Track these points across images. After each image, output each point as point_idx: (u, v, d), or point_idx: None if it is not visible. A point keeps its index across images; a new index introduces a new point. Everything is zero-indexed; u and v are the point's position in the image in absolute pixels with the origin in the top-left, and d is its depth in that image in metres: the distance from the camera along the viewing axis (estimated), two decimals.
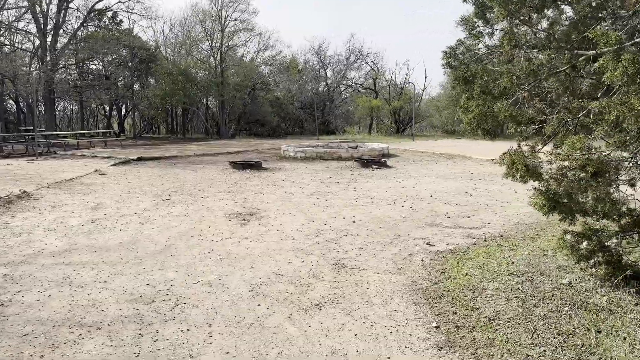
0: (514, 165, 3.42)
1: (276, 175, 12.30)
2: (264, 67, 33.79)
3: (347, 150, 16.54)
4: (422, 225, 6.66)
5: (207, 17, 29.45)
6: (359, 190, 9.88)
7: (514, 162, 3.43)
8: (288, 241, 5.91)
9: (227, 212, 7.69)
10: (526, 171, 3.43)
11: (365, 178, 11.74)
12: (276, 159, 16.79)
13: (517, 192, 9.22)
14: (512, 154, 3.48)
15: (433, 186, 10.22)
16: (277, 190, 9.95)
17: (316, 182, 11.13)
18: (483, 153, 17.07)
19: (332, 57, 41.45)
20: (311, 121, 38.11)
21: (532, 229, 6.20)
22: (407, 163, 15.13)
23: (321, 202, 8.55)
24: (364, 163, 13.97)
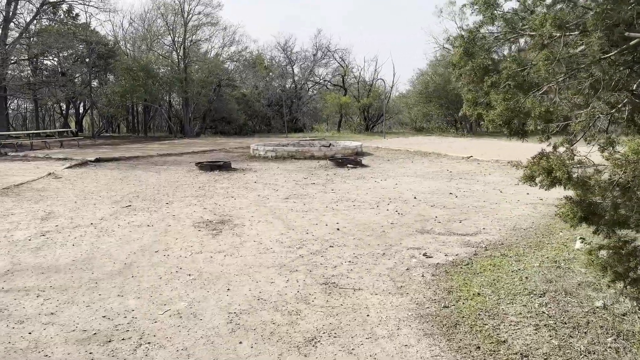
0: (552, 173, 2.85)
1: (247, 177, 11.55)
2: (229, 62, 32.72)
3: (319, 148, 15.91)
4: (412, 232, 6.09)
5: (169, 10, 28.19)
6: (337, 192, 9.26)
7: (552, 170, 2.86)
8: (268, 255, 5.22)
9: (195, 221, 6.93)
10: (568, 180, 2.87)
11: (342, 178, 11.13)
12: (246, 159, 15.99)
13: (502, 192, 8.81)
14: (547, 159, 2.91)
15: (415, 187, 9.71)
16: (250, 193, 9.22)
17: (291, 183, 10.45)
18: (456, 150, 16.76)
19: (299, 53, 40.70)
20: (279, 118, 37.29)
21: (532, 235, 5.72)
22: (382, 162, 14.62)
23: (299, 206, 7.88)
24: (338, 162, 13.37)
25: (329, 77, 41.19)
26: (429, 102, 30.25)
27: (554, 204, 7.68)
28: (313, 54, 40.19)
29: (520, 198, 8.16)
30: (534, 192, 8.69)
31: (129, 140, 26.93)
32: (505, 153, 15.36)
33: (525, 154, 13.60)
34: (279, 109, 36.50)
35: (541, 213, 6.90)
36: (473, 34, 3.02)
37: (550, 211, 7.01)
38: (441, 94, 28.63)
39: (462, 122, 30.17)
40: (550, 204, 7.57)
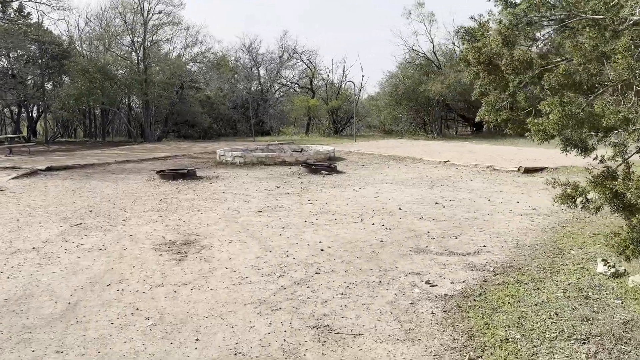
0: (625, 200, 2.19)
1: (214, 186, 10.64)
2: (192, 64, 31.47)
3: (291, 154, 15.11)
4: (406, 251, 5.39)
5: (128, 9, 26.78)
6: (315, 203, 8.51)
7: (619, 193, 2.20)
8: (243, 286, 4.41)
9: (156, 242, 6.03)
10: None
11: (318, 187, 10.38)
12: (212, 165, 15.03)
13: (490, 201, 8.26)
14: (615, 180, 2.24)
15: (397, 195, 9.06)
16: (218, 206, 8.35)
17: (263, 193, 9.62)
18: (431, 154, 16.30)
19: (265, 55, 39.80)
20: (244, 122, 36.23)
21: (541, 254, 5.11)
22: (357, 167, 13.96)
23: (274, 221, 7.08)
24: (312, 169, 12.61)
25: (296, 79, 40.45)
26: (399, 105, 29.91)
27: (549, 214, 7.18)
28: (279, 55, 39.40)
29: (511, 208, 7.61)
30: (524, 201, 8.17)
31: (85, 146, 25.38)
32: (480, 157, 14.97)
33: (499, 157, 13.13)
34: (245, 111, 35.48)
35: (540, 226, 6.34)
36: (518, 17, 2.33)
37: (549, 223, 6.47)
38: (411, 96, 28.33)
39: (431, 125, 29.99)
40: (545, 214, 7.04)
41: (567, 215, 6.91)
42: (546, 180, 3.11)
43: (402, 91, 28.34)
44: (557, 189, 2.99)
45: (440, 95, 25.96)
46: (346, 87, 35.57)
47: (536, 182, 10.23)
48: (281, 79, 40.64)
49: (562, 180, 3.31)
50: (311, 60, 38.17)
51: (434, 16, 30.77)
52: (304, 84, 39.71)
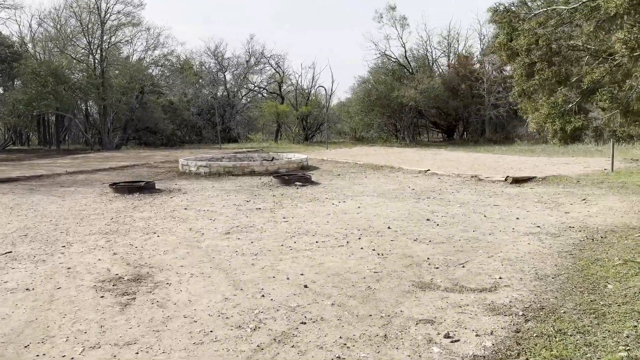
0: None
1: (175, 201, 9.47)
2: (154, 67, 29.94)
3: (261, 163, 14.04)
4: (408, 287, 4.43)
5: (84, 9, 25.11)
6: (291, 220, 7.48)
7: None
8: (206, 347, 3.34)
9: (99, 277, 4.88)
10: None
11: (293, 201, 9.36)
12: (173, 176, 13.80)
13: (487, 217, 7.42)
14: None
15: (382, 210, 8.13)
16: (178, 226, 7.21)
17: (231, 209, 8.53)
18: (409, 163, 15.53)
19: (231, 59, 38.59)
20: (210, 128, 34.88)
21: (571, 290, 4.23)
22: (333, 177, 13.00)
23: (245, 245, 6.02)
24: (284, 179, 11.57)
25: (264, 84, 39.35)
26: (371, 111, 29.22)
27: (558, 234, 6.37)
28: (246, 60, 38.26)
29: (513, 226, 6.78)
30: (523, 217, 7.38)
31: (37, 155, 23.56)
32: (461, 166, 14.28)
33: (481, 166, 12.22)
34: (210, 117, 34.13)
35: (555, 249, 5.50)
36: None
37: (562, 246, 5.64)
38: (384, 102, 27.67)
39: (404, 132, 29.42)
40: (554, 234, 6.23)
41: (578, 234, 6.11)
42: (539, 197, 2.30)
43: (374, 97, 27.67)
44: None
45: (413, 101, 25.41)
46: (316, 93, 34.73)
47: (527, 193, 9.51)
48: (248, 84, 39.48)
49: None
50: (280, 64, 37.22)
51: (406, 20, 30.39)
52: (273, 89, 38.66)
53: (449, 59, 32.85)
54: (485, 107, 27.60)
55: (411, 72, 30.22)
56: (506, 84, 27.68)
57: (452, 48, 32.45)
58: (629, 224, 6.48)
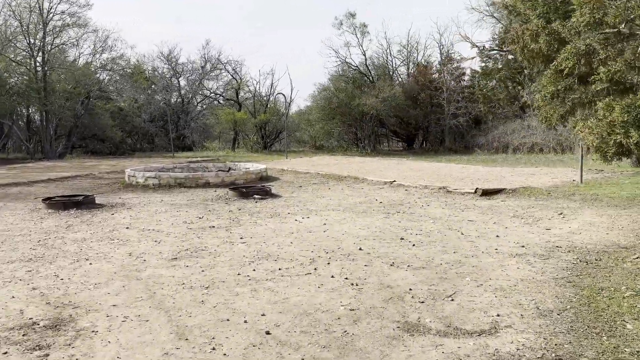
0: None
1: (117, 219, 8.39)
2: (102, 72, 28.21)
3: (216, 174, 13.03)
4: (393, 330, 3.66)
5: (23, 7, 23.28)
6: (249, 241, 6.59)
7: None
8: None
9: (7, 323, 3.86)
10: None
11: (251, 216, 8.46)
12: (118, 189, 12.59)
13: (465, 235, 6.80)
14: None
15: (350, 228, 7.37)
16: (117, 250, 6.19)
17: (180, 228, 7.55)
18: (373, 173, 14.92)
19: (186, 64, 37.15)
20: (163, 135, 33.35)
21: (585, 331, 3.57)
22: (294, 189, 12.17)
23: (194, 275, 5.10)
24: (242, 192, 10.65)
25: (220, 90, 38.09)
26: (332, 119, 28.61)
27: (546, 255, 5.78)
28: (202, 65, 36.94)
29: (495, 245, 6.17)
30: (503, 234, 6.80)
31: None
32: (426, 176, 13.77)
33: (447, 176, 11.46)
34: (163, 125, 32.62)
35: (549, 275, 4.88)
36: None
37: (556, 271, 5.03)
38: (345, 110, 27.11)
39: (364, 141, 28.96)
40: (542, 255, 5.64)
41: (569, 256, 5.55)
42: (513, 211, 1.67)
43: (335, 105, 27.07)
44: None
45: (375, 110, 24.98)
46: (275, 100, 33.84)
47: (500, 207, 9.01)
48: (204, 90, 38.12)
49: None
50: (237, 70, 36.09)
51: (366, 28, 30.00)
52: (230, 95, 37.47)
53: (408, 68, 32.80)
54: (445, 116, 27.55)
55: (372, 81, 29.86)
56: (464, 94, 27.78)
57: (411, 57, 32.43)
58: (619, 243, 5.99)
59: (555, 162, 17.94)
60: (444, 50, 30.19)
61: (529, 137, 22.63)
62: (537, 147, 22.16)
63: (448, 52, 29.77)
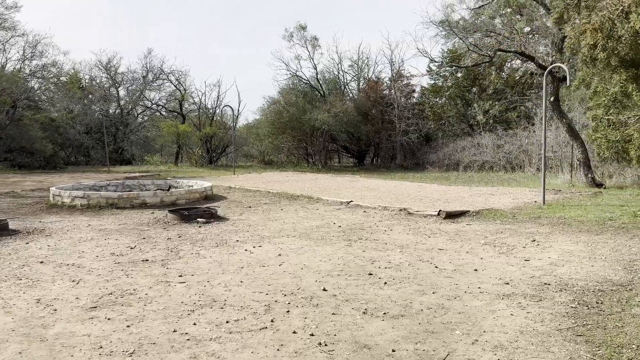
0: None
1: (31, 249, 7.02)
2: (31, 79, 25.86)
3: (154, 193, 11.72)
4: None
5: None
6: (190, 280, 5.51)
7: None
8: None
9: None
10: None
11: (193, 245, 7.34)
12: (41, 210, 11.03)
13: (439, 268, 6.03)
14: None
15: (309, 260, 6.43)
16: (22, 295, 4.94)
17: (107, 262, 6.33)
18: (327, 192, 14.09)
19: (126, 74, 35.15)
20: (100, 148, 31.19)
21: None
22: (243, 210, 11.09)
23: (116, 332, 3.98)
24: (183, 215, 9.47)
25: (163, 101, 36.27)
26: (282, 134, 27.66)
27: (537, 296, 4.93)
28: (143, 75, 35.08)
29: (477, 283, 5.42)
30: (481, 267, 6.10)
31: None
32: (384, 196, 13.10)
33: (404, 196, 10.59)
34: (100, 137, 30.48)
35: (548, 324, 4.15)
36: None
37: (553, 316, 4.31)
38: (295, 125, 26.25)
39: (315, 157, 28.19)
40: (533, 295, 4.93)
41: (563, 296, 4.87)
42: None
43: (286, 119, 26.14)
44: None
45: (327, 124, 24.29)
46: (222, 113, 32.50)
47: (467, 232, 8.38)
48: (145, 101, 36.17)
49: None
50: (181, 81, 34.48)
51: (318, 41, 29.37)
52: (173, 107, 35.73)
53: (359, 84, 32.48)
54: (397, 132, 27.30)
55: (323, 95, 29.24)
56: (415, 110, 27.72)
57: (362, 72, 32.14)
58: (611, 279, 5.39)
59: (509, 180, 17.86)
60: (395, 66, 30.15)
61: (479, 155, 22.67)
62: (488, 165, 22.21)
63: (399, 69, 29.73)
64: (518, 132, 22.83)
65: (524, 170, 21.27)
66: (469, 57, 16.02)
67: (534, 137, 21.95)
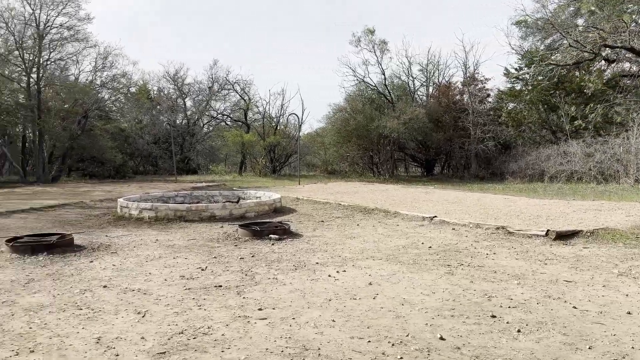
0: None
1: (95, 270, 6.41)
2: (102, 89, 26.52)
3: (223, 205, 11.07)
4: None
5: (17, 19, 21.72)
6: (271, 314, 4.59)
7: None
8: None
9: None
10: None
11: (269, 267, 6.47)
12: (108, 222, 10.65)
13: (579, 309, 4.75)
14: None
15: (407, 292, 5.35)
16: (80, 332, 4.20)
17: (176, 288, 5.56)
18: (404, 204, 12.92)
19: (193, 85, 35.65)
20: (167, 158, 31.61)
21: None
22: (316, 225, 10.18)
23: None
24: (255, 231, 8.67)
25: (227, 111, 36.46)
26: (348, 142, 26.70)
27: None
28: (209, 86, 35.42)
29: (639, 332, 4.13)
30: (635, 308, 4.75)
31: None
32: (471, 210, 11.76)
33: (494, 211, 8.70)
34: (168, 147, 30.89)
35: None
36: None
37: None
38: (362, 133, 25.21)
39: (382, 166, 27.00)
40: None
41: None
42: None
43: (352, 127, 25.16)
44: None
45: (397, 132, 23.08)
46: (286, 122, 32.11)
47: (589, 257, 6.97)
48: (211, 111, 36.51)
49: None
50: (246, 90, 34.49)
51: (386, 45, 28.17)
52: (237, 117, 35.81)
53: (427, 88, 31.01)
54: (472, 140, 25.59)
55: (391, 101, 28.03)
56: (490, 116, 25.90)
57: (432, 76, 30.65)
58: None
59: (607, 193, 15.88)
60: (470, 69, 28.36)
61: (567, 165, 20.60)
62: (577, 176, 20.12)
63: (474, 72, 27.98)
64: (609, 140, 20.59)
65: (619, 181, 19.06)
66: (567, 54, 14.36)
67: (629, 144, 19.68)
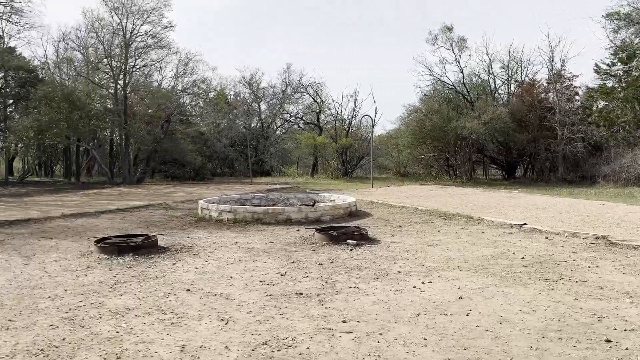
0: None
1: (178, 272, 6.48)
2: (183, 95, 27.66)
3: (299, 209, 11.00)
4: None
5: (106, 29, 23.15)
6: (356, 328, 4.33)
7: None
8: None
9: None
10: None
11: (349, 275, 6.22)
12: (189, 223, 10.91)
13: None
14: None
15: (503, 309, 4.88)
16: (164, 338, 4.16)
17: (257, 293, 5.45)
18: (487, 210, 12.18)
19: (267, 89, 36.36)
20: (242, 160, 32.41)
21: None
22: (393, 230, 9.81)
23: None
24: (332, 236, 8.46)
25: (300, 114, 36.84)
26: (424, 144, 25.96)
27: None
28: (282, 89, 35.96)
29: None
30: None
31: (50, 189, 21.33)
32: (563, 217, 10.84)
33: (590, 218, 7.61)
34: (243, 149, 31.70)
35: None
36: None
37: None
38: (438, 134, 24.38)
39: (459, 168, 25.97)
40: None
41: None
42: None
43: (428, 128, 24.38)
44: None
45: (477, 133, 22.05)
46: (359, 124, 31.85)
47: None
48: (284, 114, 37.06)
49: None
50: (318, 93, 34.66)
51: (465, 42, 26.99)
52: (310, 119, 36.07)
53: (509, 87, 29.41)
54: (559, 141, 23.91)
55: (470, 101, 26.88)
56: (579, 115, 24.06)
57: (514, 74, 29.00)
58: None
59: None
60: (556, 66, 26.49)
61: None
62: None
63: (561, 68, 26.13)
64: None
65: None
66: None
67: None
